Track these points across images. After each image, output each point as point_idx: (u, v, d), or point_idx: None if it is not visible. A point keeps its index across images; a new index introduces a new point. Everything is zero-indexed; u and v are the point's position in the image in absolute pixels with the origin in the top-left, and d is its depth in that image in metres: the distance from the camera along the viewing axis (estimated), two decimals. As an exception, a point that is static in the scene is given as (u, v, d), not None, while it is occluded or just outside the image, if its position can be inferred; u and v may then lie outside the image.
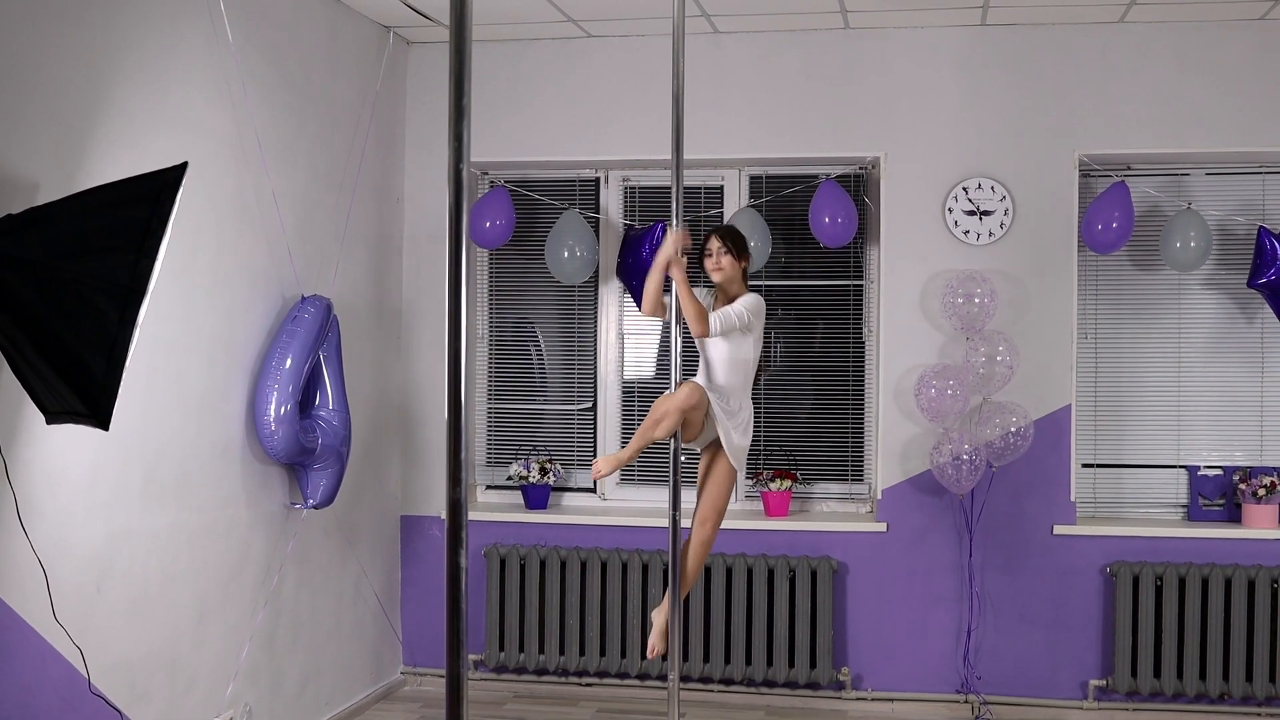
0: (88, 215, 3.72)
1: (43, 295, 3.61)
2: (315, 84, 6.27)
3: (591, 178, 7.45)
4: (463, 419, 2.62)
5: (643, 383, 7.45)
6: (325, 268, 6.36)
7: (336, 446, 6.03)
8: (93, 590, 4.66)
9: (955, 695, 6.87)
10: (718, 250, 5.26)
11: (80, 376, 3.63)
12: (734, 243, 5.29)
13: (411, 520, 7.38)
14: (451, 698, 2.71)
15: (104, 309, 3.63)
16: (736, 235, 5.36)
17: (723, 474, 5.28)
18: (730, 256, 5.25)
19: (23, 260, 3.62)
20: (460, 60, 2.63)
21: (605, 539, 7.17)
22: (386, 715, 6.85)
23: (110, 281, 3.63)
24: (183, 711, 5.25)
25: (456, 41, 2.62)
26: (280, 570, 5.99)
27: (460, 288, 2.65)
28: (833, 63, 7.01)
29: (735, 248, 5.27)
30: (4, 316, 3.62)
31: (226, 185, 5.50)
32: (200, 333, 5.31)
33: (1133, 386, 7.04)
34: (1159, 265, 6.90)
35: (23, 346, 3.66)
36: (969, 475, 6.57)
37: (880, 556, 6.96)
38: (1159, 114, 6.74)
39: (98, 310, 3.63)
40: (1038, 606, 6.83)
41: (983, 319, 6.62)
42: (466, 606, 2.66)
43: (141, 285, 3.66)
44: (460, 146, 2.65)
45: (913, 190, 6.92)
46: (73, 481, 4.54)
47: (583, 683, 7.23)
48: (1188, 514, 6.96)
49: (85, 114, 4.54)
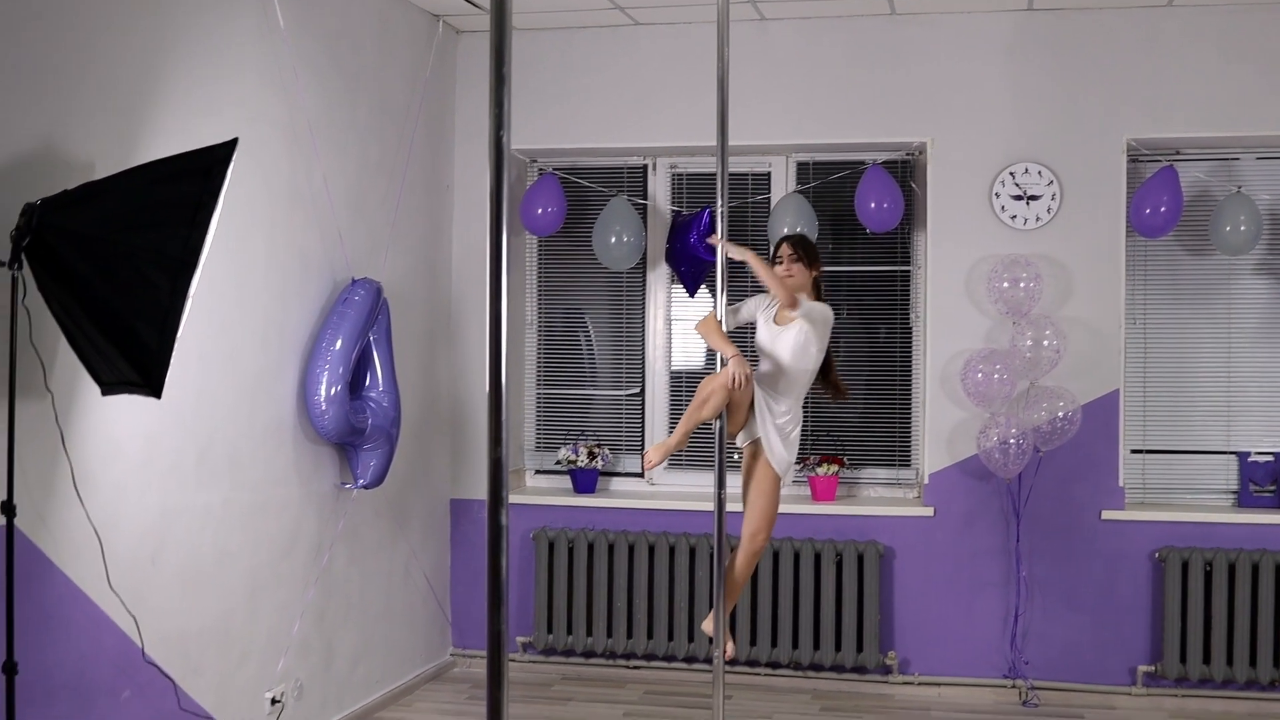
0: (141, 190, 3.82)
1: (97, 268, 3.71)
2: (366, 71, 6.37)
3: (639, 165, 7.51)
4: (502, 377, 2.65)
5: (691, 372, 7.50)
6: (375, 252, 6.45)
7: (386, 427, 6.11)
8: (147, 563, 4.77)
9: (1003, 680, 6.87)
10: (788, 258, 5.26)
11: (134, 346, 3.74)
12: (805, 250, 5.29)
13: (460, 504, 7.47)
14: (492, 654, 2.73)
15: (157, 281, 3.74)
16: (808, 243, 5.37)
17: (769, 482, 5.25)
18: (801, 264, 5.26)
19: (78, 234, 3.73)
20: (500, 30, 2.68)
21: (653, 522, 7.22)
22: (436, 695, 6.93)
23: (163, 254, 3.73)
24: (235, 684, 5.35)
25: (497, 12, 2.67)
26: (331, 549, 6.08)
27: (501, 245, 2.68)
28: (879, 48, 7.03)
29: (806, 255, 5.28)
30: (61, 289, 3.73)
31: (279, 169, 5.60)
32: (253, 313, 5.41)
33: (1183, 372, 7.01)
34: (1209, 250, 6.87)
35: (79, 318, 3.76)
36: (1016, 460, 6.56)
37: (927, 541, 6.97)
38: (1207, 97, 6.71)
39: (151, 282, 3.73)
40: (1086, 592, 6.81)
41: (1029, 303, 6.62)
42: (508, 573, 2.70)
43: (193, 258, 3.76)
44: (500, 113, 2.71)
45: (959, 175, 6.93)
46: (128, 455, 4.64)
47: (630, 665, 7.29)
48: (1238, 500, 6.91)
49: (140, 96, 4.64)
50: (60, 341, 4.05)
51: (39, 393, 4.10)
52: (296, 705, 5.83)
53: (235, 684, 5.36)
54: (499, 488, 2.70)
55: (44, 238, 3.69)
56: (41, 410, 4.14)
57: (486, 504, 2.68)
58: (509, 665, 2.70)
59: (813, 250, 5.35)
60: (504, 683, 2.67)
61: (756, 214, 7.31)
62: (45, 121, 4.20)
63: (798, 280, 5.25)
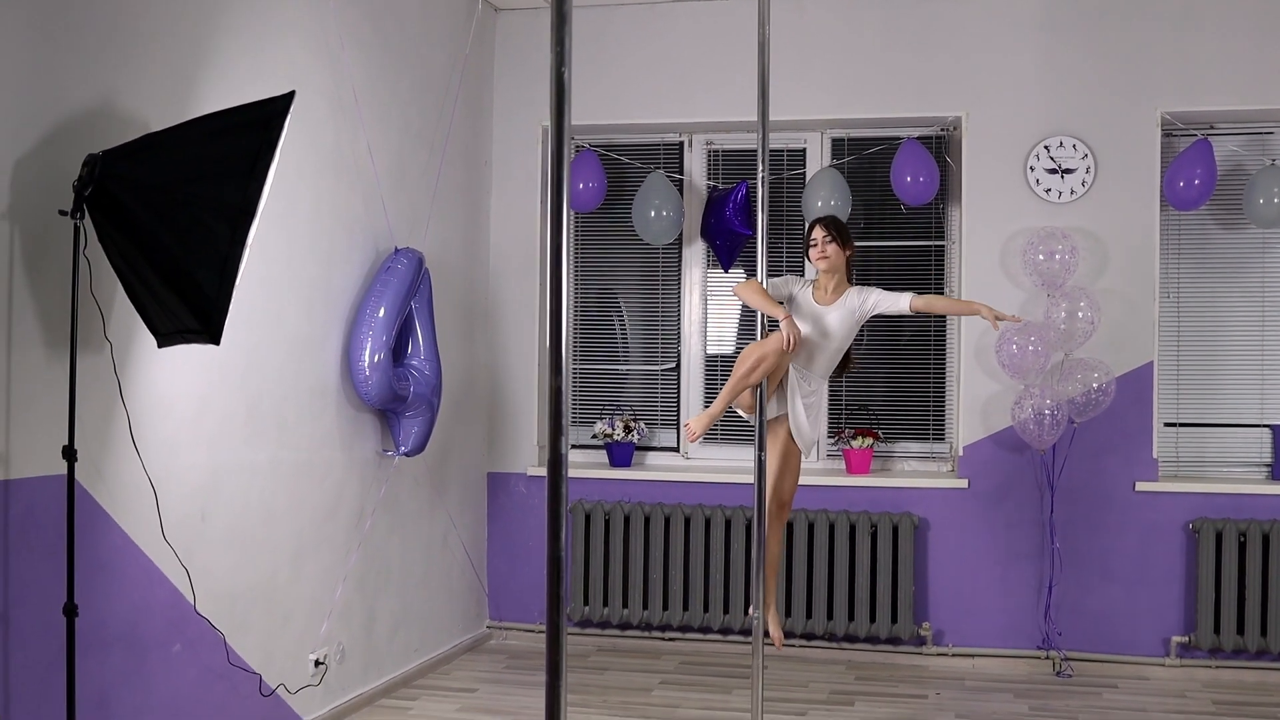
0: (201, 141, 3.90)
1: (159, 216, 3.79)
2: (409, 45, 6.45)
3: (675, 141, 7.58)
4: (564, 351, 2.71)
5: (725, 356, 7.55)
6: (417, 224, 6.54)
7: (428, 396, 6.19)
8: (198, 519, 4.85)
9: (1036, 651, 6.91)
10: (823, 239, 5.34)
11: (193, 292, 3.81)
12: (838, 232, 5.36)
13: (497, 477, 7.55)
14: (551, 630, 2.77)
15: (216, 229, 3.81)
16: (840, 225, 5.43)
17: (797, 457, 5.41)
18: (835, 245, 5.33)
19: (140, 183, 3.81)
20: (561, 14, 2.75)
21: (688, 495, 7.28)
22: (474, 665, 7.01)
23: (223, 203, 3.82)
24: (280, 644, 5.43)
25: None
26: (372, 515, 6.16)
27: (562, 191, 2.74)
28: (913, 23, 7.08)
29: (840, 236, 5.35)
30: (123, 237, 3.82)
31: (325, 137, 5.69)
32: (299, 278, 5.49)
33: (1216, 344, 7.04)
34: (1243, 223, 6.90)
35: (139, 265, 3.84)
36: (1050, 431, 6.60)
37: (961, 512, 7.01)
38: (1241, 71, 6.74)
39: (210, 230, 3.81)
40: (1119, 563, 6.85)
41: (1064, 275, 6.66)
42: (568, 539, 2.76)
43: (251, 206, 3.84)
44: (562, 51, 2.78)
45: (994, 149, 6.97)
46: (181, 412, 4.72)
47: (665, 637, 7.35)
48: (1271, 473, 6.94)
49: (193, 59, 4.73)
50: (118, 293, 4.14)
51: (98, 343, 4.19)
52: (339, 668, 5.91)
53: (280, 644, 5.44)
54: (559, 462, 2.76)
55: (106, 187, 3.77)
56: (100, 361, 4.22)
57: (546, 475, 2.75)
58: (542, 638, 2.77)
59: (845, 231, 5.43)
60: (562, 643, 2.74)
61: (792, 189, 7.37)
62: (103, 80, 4.28)
63: (833, 260, 5.34)
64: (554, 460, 2.76)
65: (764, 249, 5.33)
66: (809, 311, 5.36)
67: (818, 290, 5.36)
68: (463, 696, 6.38)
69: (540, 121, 7.48)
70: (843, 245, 5.37)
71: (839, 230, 5.38)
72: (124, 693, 4.47)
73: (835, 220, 5.49)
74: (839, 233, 5.37)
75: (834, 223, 5.43)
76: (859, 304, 5.31)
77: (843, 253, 5.37)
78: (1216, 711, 6.18)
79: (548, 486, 2.76)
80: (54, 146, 4.02)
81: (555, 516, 2.75)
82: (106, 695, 4.37)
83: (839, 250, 5.35)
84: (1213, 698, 6.41)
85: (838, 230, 5.38)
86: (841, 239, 5.37)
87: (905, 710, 6.20)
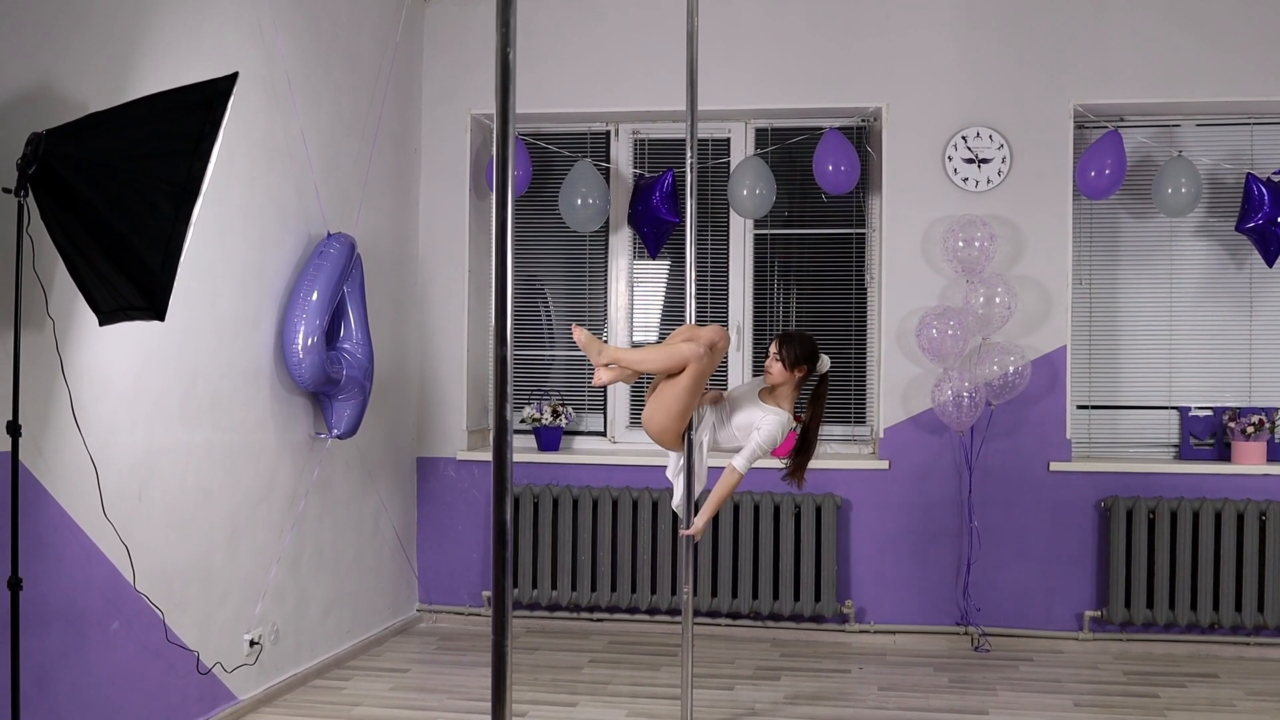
0: (145, 121, 3.95)
1: (103, 193, 3.84)
2: (341, 33, 6.51)
3: (602, 131, 7.69)
4: (507, 322, 2.83)
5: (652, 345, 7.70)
6: (348, 209, 6.60)
7: (360, 379, 6.26)
8: (134, 499, 4.89)
9: (955, 627, 7.12)
10: (772, 355, 5.41)
11: (138, 269, 3.87)
12: (789, 353, 5.37)
13: (427, 462, 7.62)
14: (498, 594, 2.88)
15: (161, 207, 3.87)
16: (796, 348, 5.39)
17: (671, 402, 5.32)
18: (780, 365, 5.37)
19: (85, 161, 3.85)
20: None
21: (616, 478, 7.40)
22: (406, 646, 7.08)
23: (167, 181, 3.87)
24: (216, 623, 5.48)
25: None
26: (305, 497, 6.22)
27: (507, 167, 2.86)
28: (836, 16, 7.25)
29: (788, 357, 5.36)
30: (67, 215, 3.85)
31: (259, 122, 5.74)
32: (233, 260, 5.54)
33: (1126, 329, 7.29)
34: (1152, 212, 7.15)
35: (83, 244, 3.89)
36: (969, 413, 6.80)
37: (882, 493, 7.20)
38: (1151, 65, 6.98)
39: (155, 208, 3.87)
40: (1034, 541, 7.07)
41: (982, 262, 6.86)
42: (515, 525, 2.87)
43: (195, 185, 3.91)
44: (507, 32, 2.90)
45: (913, 139, 7.16)
46: (118, 391, 4.76)
47: (594, 618, 7.46)
48: (1179, 454, 7.20)
49: (131, 43, 4.77)
50: (59, 271, 4.18)
51: (39, 320, 4.23)
52: (273, 649, 5.97)
53: (216, 623, 5.49)
54: (503, 448, 2.86)
55: (50, 165, 3.81)
56: (42, 339, 4.26)
57: (492, 463, 2.86)
58: (472, 621, 2.89)
59: (800, 353, 5.39)
60: (508, 626, 2.84)
61: (717, 178, 7.51)
62: (42, 62, 4.32)
63: (774, 378, 5.40)
64: (499, 427, 2.87)
65: (692, 235, 5.48)
66: (740, 394, 5.52)
67: (764, 389, 5.47)
68: (395, 676, 6.46)
69: (469, 109, 7.55)
70: (789, 367, 5.37)
71: (790, 351, 5.37)
72: (63, 669, 4.51)
73: (795, 338, 5.44)
74: (789, 354, 5.37)
75: (790, 340, 5.41)
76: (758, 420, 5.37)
77: (786, 373, 5.39)
78: (1127, 682, 6.41)
79: (493, 452, 2.87)
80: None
81: (501, 480, 2.86)
82: (46, 671, 4.41)
83: (783, 371, 5.38)
84: (1124, 669, 6.65)
85: (789, 351, 5.37)
86: (789, 361, 5.37)
87: (829, 684, 6.36)
